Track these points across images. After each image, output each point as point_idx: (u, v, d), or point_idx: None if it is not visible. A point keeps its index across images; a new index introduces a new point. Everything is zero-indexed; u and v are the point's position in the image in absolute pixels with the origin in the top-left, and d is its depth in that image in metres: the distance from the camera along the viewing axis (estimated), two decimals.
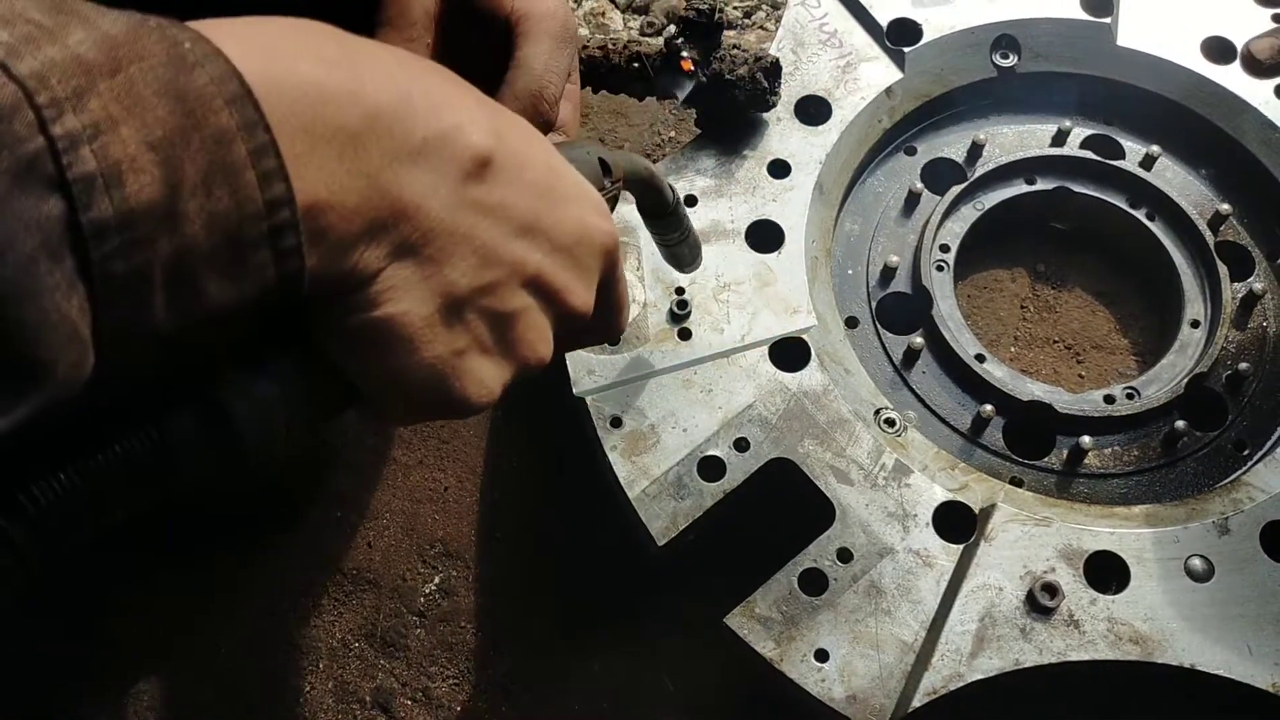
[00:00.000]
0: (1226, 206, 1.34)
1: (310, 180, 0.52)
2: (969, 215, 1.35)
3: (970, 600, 1.04)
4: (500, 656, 1.20)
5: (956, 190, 1.33)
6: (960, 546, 1.07)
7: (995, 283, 1.41)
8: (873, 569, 1.06)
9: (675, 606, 1.19)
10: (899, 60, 1.36)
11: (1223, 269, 1.29)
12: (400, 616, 1.22)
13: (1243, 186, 1.37)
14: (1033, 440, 1.22)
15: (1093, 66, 1.40)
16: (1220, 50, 1.37)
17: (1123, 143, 1.40)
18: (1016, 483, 1.18)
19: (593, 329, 0.74)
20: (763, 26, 1.72)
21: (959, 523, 1.09)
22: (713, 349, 1.16)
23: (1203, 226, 1.32)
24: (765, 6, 1.74)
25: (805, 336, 1.17)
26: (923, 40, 1.37)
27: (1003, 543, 1.07)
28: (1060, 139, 1.39)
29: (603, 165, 0.81)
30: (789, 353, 1.17)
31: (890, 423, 1.16)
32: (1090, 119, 1.42)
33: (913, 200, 1.35)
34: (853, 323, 1.28)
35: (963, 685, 1.01)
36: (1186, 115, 1.38)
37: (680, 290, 1.19)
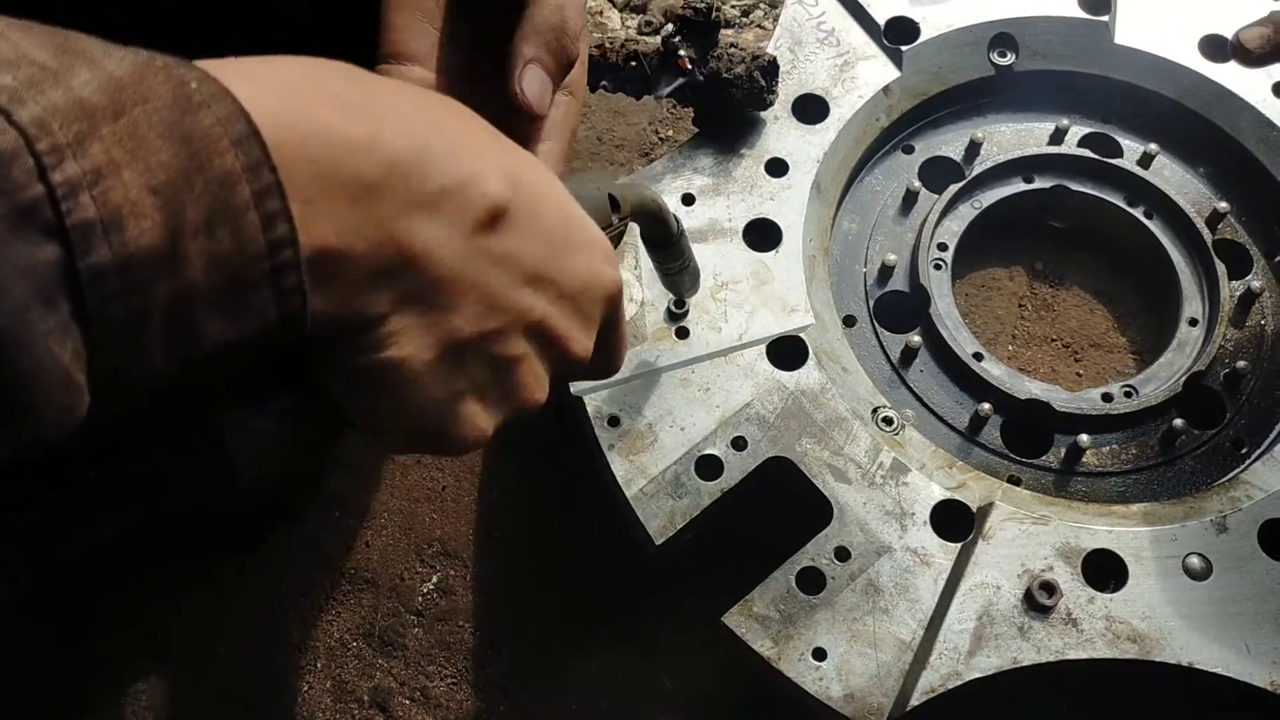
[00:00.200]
0: (1224, 205, 1.34)
1: (320, 226, 0.52)
2: (967, 214, 1.35)
3: (968, 599, 1.04)
4: (498, 655, 1.20)
5: (954, 189, 1.33)
6: (958, 545, 1.07)
7: (993, 281, 1.40)
8: (870, 568, 1.06)
9: (673, 605, 1.19)
10: (896, 59, 1.36)
11: (1221, 267, 1.29)
12: (398, 616, 1.22)
13: (1241, 185, 1.37)
14: (1031, 439, 1.22)
15: (1090, 65, 1.40)
16: (1218, 48, 1.37)
17: (1120, 141, 1.40)
18: (1014, 481, 1.18)
19: (589, 369, 0.73)
20: (760, 25, 1.72)
21: (957, 521, 1.09)
22: (710, 348, 1.16)
23: (1201, 225, 1.32)
24: (763, 5, 1.74)
25: (803, 335, 1.17)
26: (920, 39, 1.37)
27: (1001, 541, 1.07)
28: (1058, 137, 1.39)
29: (612, 201, 0.82)
30: (786, 351, 1.17)
31: (888, 421, 1.16)
32: (1088, 117, 1.42)
33: (910, 199, 1.35)
34: (850, 321, 1.28)
35: (961, 684, 1.01)
36: (1184, 113, 1.38)
37: None
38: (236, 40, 0.55)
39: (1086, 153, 1.37)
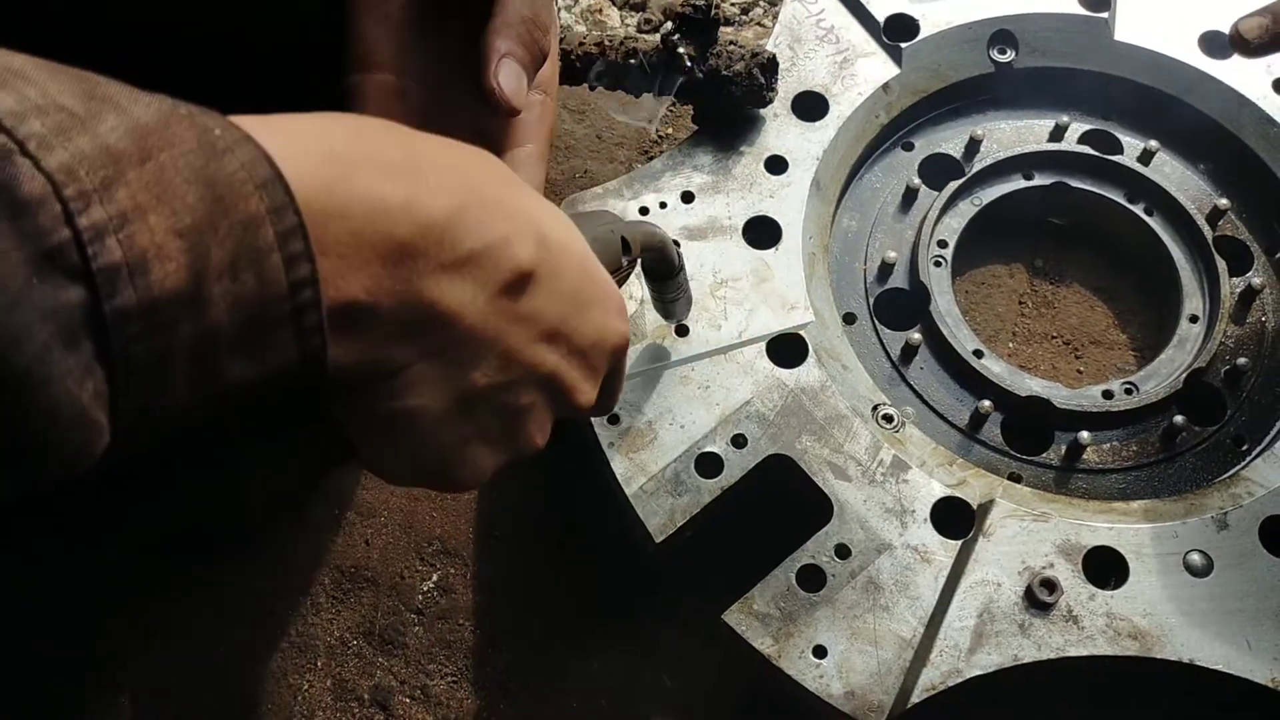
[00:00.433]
0: (1225, 201, 1.33)
1: (351, 282, 0.53)
2: (967, 211, 1.34)
3: (969, 596, 1.04)
4: (498, 654, 1.20)
5: (954, 186, 1.33)
6: (958, 542, 1.07)
7: (993, 278, 1.40)
8: (871, 565, 1.05)
9: (673, 603, 1.19)
10: (896, 56, 1.36)
11: (1221, 264, 1.29)
12: (398, 614, 1.22)
13: (1241, 181, 1.37)
14: (1031, 436, 1.22)
15: (1090, 61, 1.40)
16: (1218, 44, 1.37)
17: (1121, 138, 1.39)
18: (1015, 478, 1.18)
19: (587, 412, 0.75)
20: (760, 23, 1.71)
21: (957, 518, 1.09)
22: (710, 345, 1.16)
23: (1201, 221, 1.31)
24: (762, 3, 1.74)
25: (803, 333, 1.17)
26: (920, 36, 1.37)
27: (1001, 538, 1.07)
28: (1058, 134, 1.39)
29: (623, 243, 0.84)
30: (786, 349, 1.17)
31: (888, 419, 1.15)
32: (1088, 114, 1.42)
33: (910, 196, 1.35)
34: (850, 319, 1.27)
35: (961, 681, 1.00)
36: (1184, 110, 1.38)
37: None
38: (218, 67, 0.55)
39: (1087, 149, 1.37)
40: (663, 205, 1.24)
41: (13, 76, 0.43)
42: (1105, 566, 1.07)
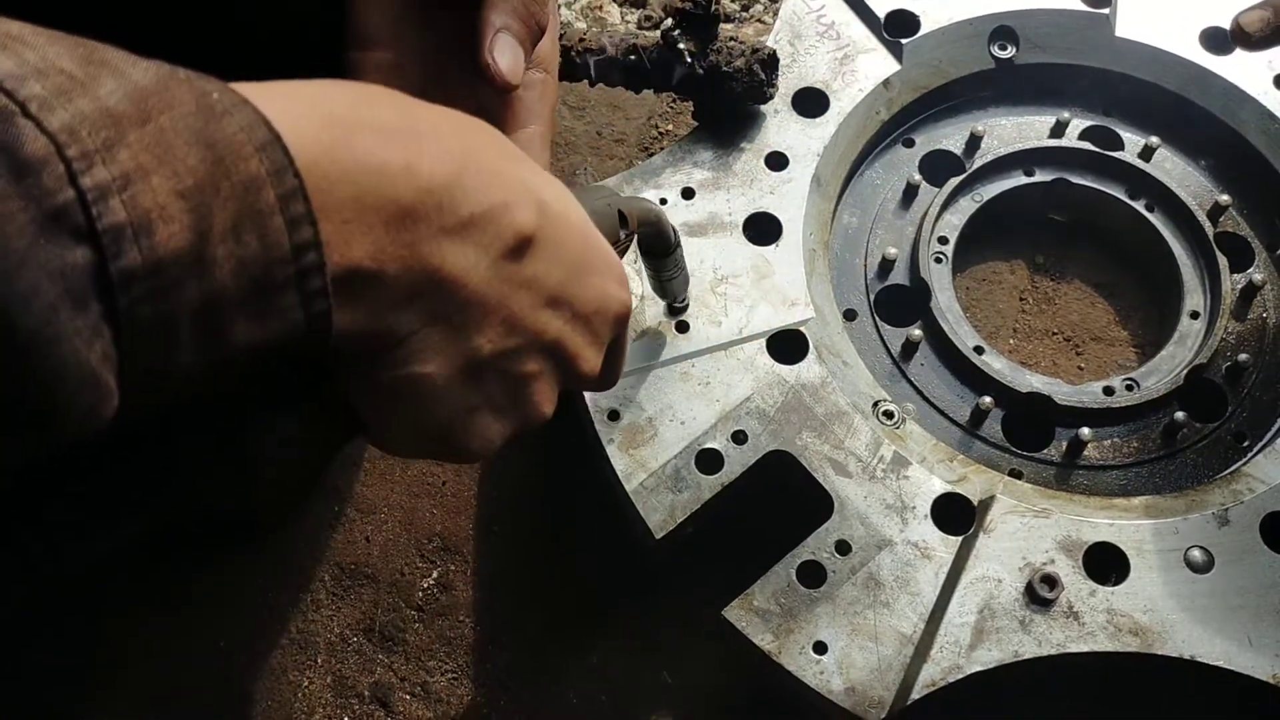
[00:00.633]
0: (1226, 197, 1.33)
1: (355, 246, 0.53)
2: (967, 207, 1.34)
3: (969, 592, 1.04)
4: (499, 650, 1.20)
5: (955, 182, 1.33)
6: (959, 538, 1.07)
7: (994, 275, 1.40)
8: (871, 561, 1.05)
9: (674, 600, 1.19)
10: (897, 52, 1.36)
11: (1222, 260, 1.29)
12: (398, 611, 1.22)
13: (1242, 177, 1.37)
14: (1032, 432, 1.21)
15: (1091, 57, 1.40)
16: (1219, 40, 1.37)
17: (1121, 134, 1.39)
18: (1016, 474, 1.18)
19: (592, 384, 0.76)
20: (761, 20, 1.71)
21: (958, 514, 1.09)
22: (710, 342, 1.16)
23: (1202, 218, 1.31)
24: (762, 0, 1.73)
25: (803, 329, 1.17)
26: (920, 32, 1.37)
27: (1002, 534, 1.07)
28: (1059, 130, 1.39)
29: (621, 217, 0.85)
30: (787, 345, 1.17)
31: (889, 415, 1.15)
32: (1089, 110, 1.41)
33: (911, 192, 1.34)
34: (851, 315, 1.27)
35: (962, 677, 1.00)
36: (1186, 106, 1.38)
37: None
38: (218, 67, 0.55)
39: (1087, 146, 1.36)
40: (663, 201, 1.23)
41: (11, 41, 0.43)
42: (1106, 563, 1.07)
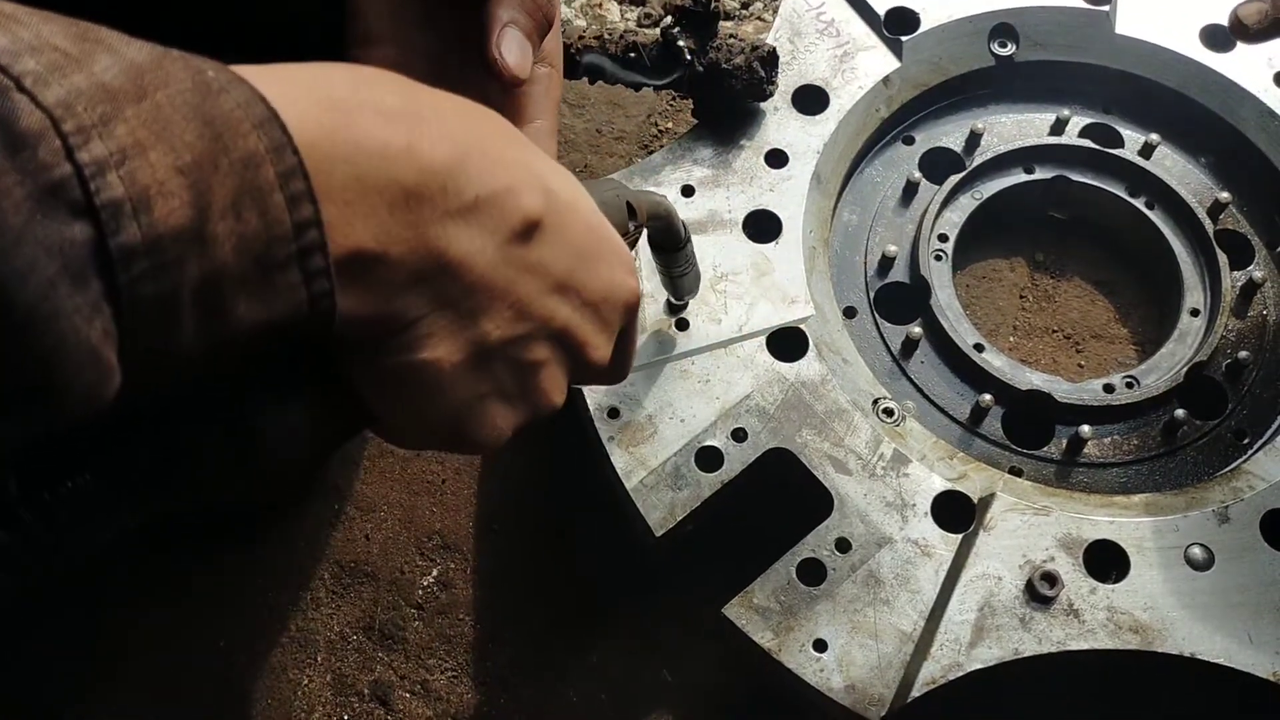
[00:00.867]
0: (1226, 195, 1.33)
1: (358, 228, 0.53)
2: (967, 205, 1.34)
3: (969, 590, 1.04)
4: (499, 649, 1.20)
5: (955, 180, 1.33)
6: (959, 536, 1.07)
7: (994, 272, 1.40)
8: (871, 559, 1.05)
9: (674, 598, 1.19)
10: (896, 49, 1.36)
11: (1222, 257, 1.29)
12: (398, 609, 1.22)
13: (1242, 175, 1.37)
14: (1032, 430, 1.21)
15: (1091, 55, 1.40)
16: (1220, 38, 1.37)
17: (1121, 131, 1.39)
18: (1016, 472, 1.17)
19: (602, 375, 0.75)
20: (760, 17, 1.71)
21: (958, 512, 1.09)
22: (710, 339, 1.16)
23: (1202, 215, 1.31)
24: None
25: (803, 326, 1.17)
26: (920, 29, 1.37)
27: (1002, 532, 1.07)
28: (1059, 128, 1.39)
29: (629, 208, 0.84)
30: (787, 343, 1.16)
31: (889, 412, 1.15)
32: (1089, 107, 1.41)
33: (911, 190, 1.34)
34: (851, 313, 1.27)
35: (962, 675, 1.00)
36: (1186, 103, 1.38)
37: None
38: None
39: (1087, 143, 1.36)
40: None
41: (5, 19, 0.43)
42: (1106, 560, 1.07)
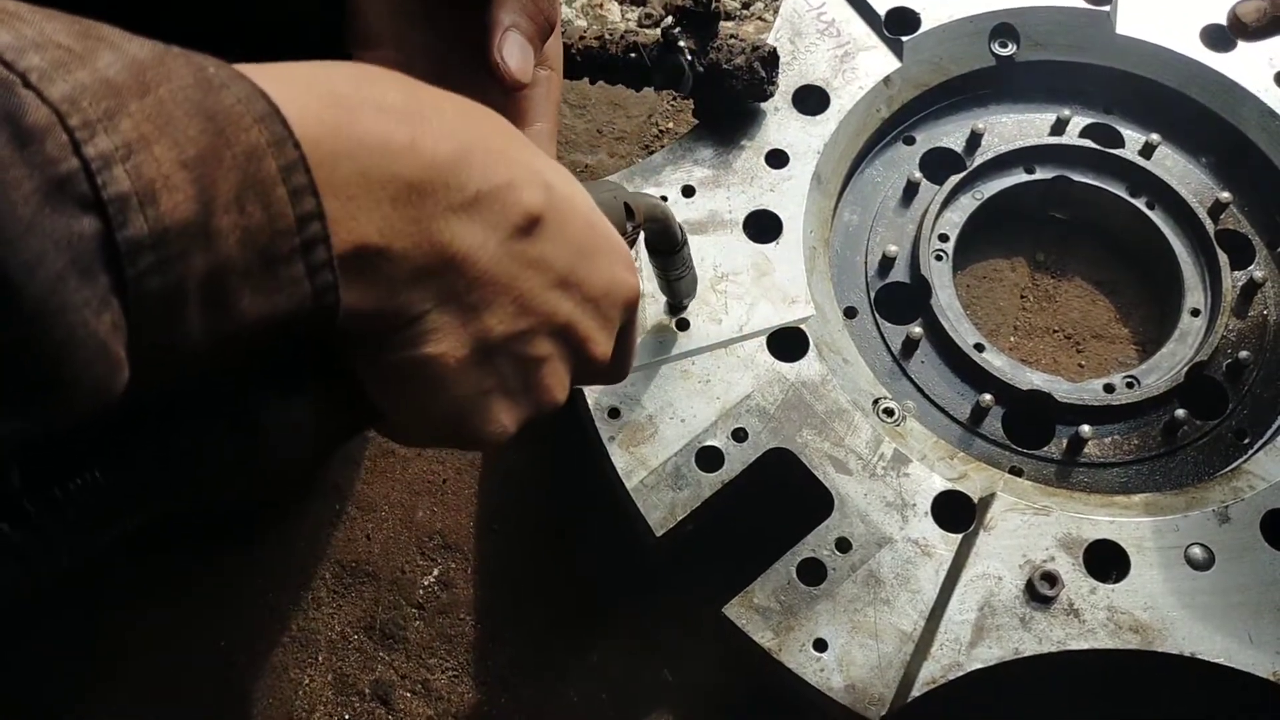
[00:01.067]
0: (1227, 194, 1.33)
1: (362, 222, 0.53)
2: (968, 205, 1.34)
3: (969, 589, 1.04)
4: (499, 648, 1.20)
5: (955, 180, 1.33)
6: (959, 536, 1.07)
7: (994, 272, 1.40)
8: (871, 558, 1.05)
9: (674, 598, 1.19)
10: (897, 49, 1.36)
11: (1223, 257, 1.29)
12: (399, 609, 1.22)
13: (1243, 175, 1.37)
14: (1032, 429, 1.21)
15: (1092, 55, 1.40)
16: (1220, 38, 1.37)
17: (1122, 131, 1.39)
18: (1016, 472, 1.17)
19: (604, 372, 0.75)
20: (761, 17, 1.71)
21: (958, 512, 1.09)
22: (710, 339, 1.16)
23: (1203, 215, 1.31)
24: None
25: (803, 326, 1.17)
26: (921, 29, 1.37)
27: (1002, 532, 1.07)
28: (1059, 128, 1.39)
29: (627, 209, 0.85)
30: (787, 343, 1.17)
31: (889, 412, 1.15)
32: (1089, 107, 1.41)
33: (911, 190, 1.34)
34: (851, 313, 1.27)
35: (962, 674, 1.00)
36: (1186, 103, 1.38)
37: None
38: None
39: (1088, 143, 1.36)
40: (663, 199, 1.23)
41: (8, 16, 0.43)
42: (1106, 560, 1.07)
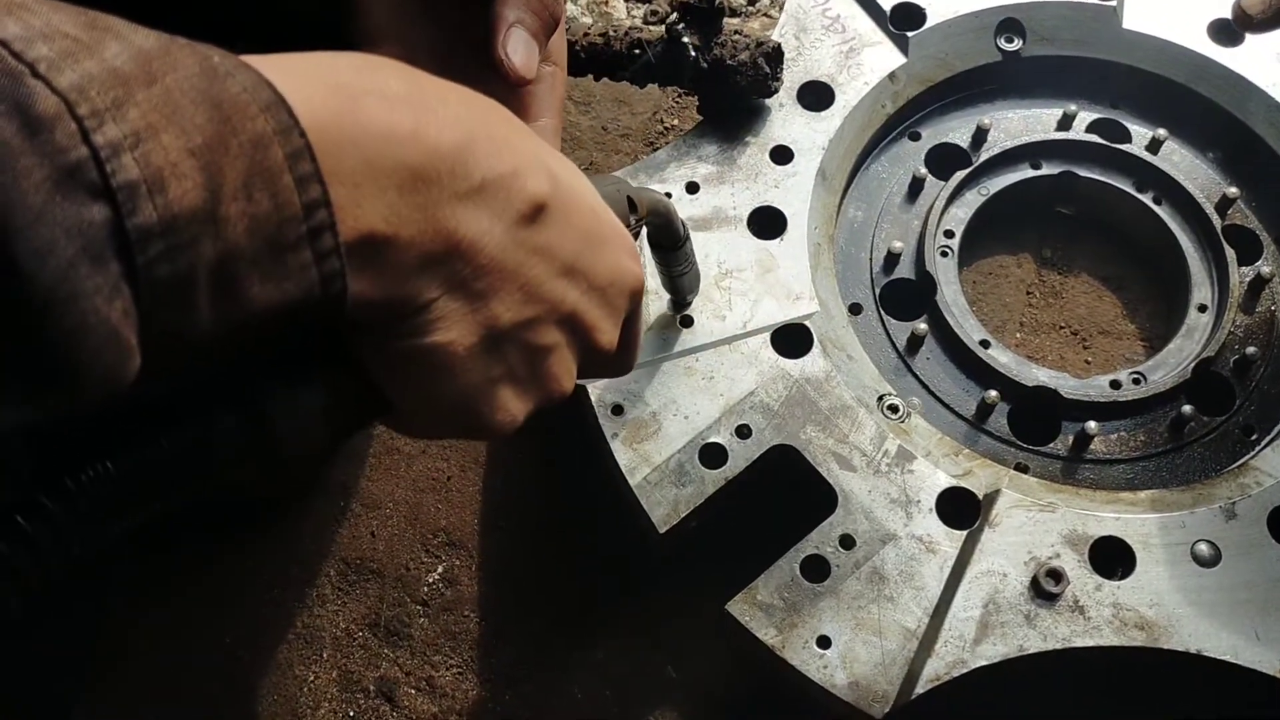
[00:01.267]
0: (1234, 190, 1.32)
1: (368, 210, 0.54)
2: (974, 201, 1.34)
3: (974, 586, 1.04)
4: (504, 645, 1.20)
5: (961, 175, 1.32)
6: (964, 532, 1.07)
7: (1001, 268, 1.40)
8: (875, 555, 1.05)
9: (677, 594, 1.19)
10: (902, 45, 1.35)
11: (1230, 253, 1.28)
12: (404, 606, 1.22)
13: (1250, 169, 1.36)
14: (1038, 426, 1.21)
15: (1098, 49, 1.39)
16: (1228, 32, 1.36)
17: (1129, 126, 1.38)
18: (1022, 469, 1.17)
19: (609, 363, 0.76)
20: (767, 14, 1.71)
21: (963, 509, 1.08)
22: (714, 336, 1.16)
23: (1210, 210, 1.30)
24: None
25: (808, 323, 1.17)
26: (926, 24, 1.36)
27: (1007, 528, 1.06)
28: (1066, 123, 1.38)
29: (630, 203, 0.85)
30: (791, 339, 1.16)
31: (894, 409, 1.15)
32: (1096, 103, 1.41)
33: (917, 186, 1.34)
34: (856, 309, 1.27)
35: (966, 672, 1.00)
36: (1193, 98, 1.37)
37: None
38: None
39: (1095, 138, 1.36)
40: (667, 195, 1.23)
41: (15, 7, 0.44)
42: (1112, 557, 1.06)
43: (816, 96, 1.32)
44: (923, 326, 1.24)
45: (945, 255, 1.29)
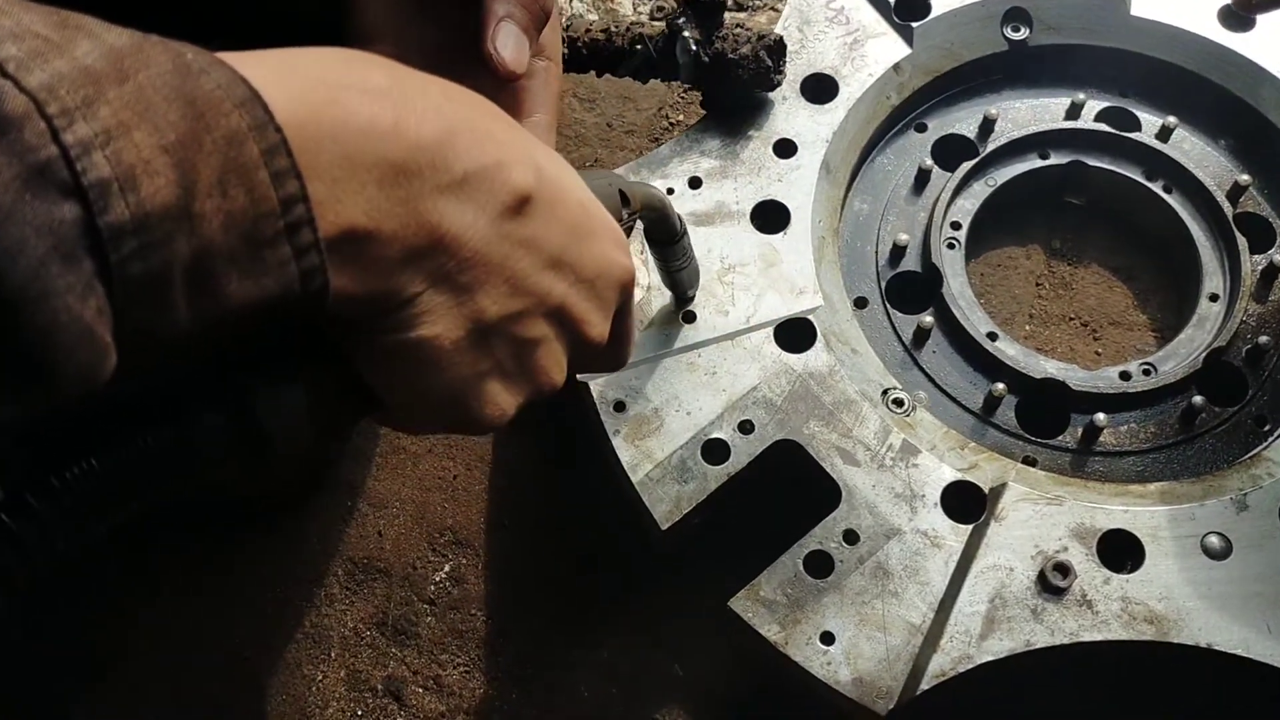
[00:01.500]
0: (1246, 177, 1.31)
1: (348, 205, 0.53)
2: (981, 192, 1.32)
3: (980, 581, 1.03)
4: (510, 644, 1.20)
5: (968, 166, 1.31)
6: (969, 527, 1.06)
7: (1009, 260, 1.38)
8: (880, 550, 1.04)
9: (681, 591, 1.18)
10: (907, 36, 1.34)
11: (1242, 241, 1.26)
12: (411, 605, 1.22)
13: (1262, 157, 1.34)
14: (1046, 419, 1.20)
15: (1107, 37, 1.37)
16: (1237, 17, 1.34)
17: (1138, 114, 1.37)
18: (1029, 462, 1.16)
19: (601, 357, 0.75)
20: (773, 8, 1.70)
21: (968, 503, 1.07)
22: (717, 331, 1.15)
23: (1221, 198, 1.29)
24: None
25: (811, 317, 1.16)
26: (931, 15, 1.35)
27: (1013, 522, 1.05)
28: (1074, 112, 1.36)
29: (622, 196, 0.84)
30: (794, 334, 1.15)
31: (899, 403, 1.14)
32: (1105, 91, 1.39)
33: (923, 178, 1.33)
34: (862, 303, 1.26)
35: (972, 667, 0.99)
36: (1204, 85, 1.35)
37: None
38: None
39: (1104, 127, 1.34)
40: (670, 191, 1.22)
41: None
42: (1121, 550, 1.05)
43: (820, 89, 1.31)
44: (929, 319, 1.23)
45: (952, 247, 1.28)
